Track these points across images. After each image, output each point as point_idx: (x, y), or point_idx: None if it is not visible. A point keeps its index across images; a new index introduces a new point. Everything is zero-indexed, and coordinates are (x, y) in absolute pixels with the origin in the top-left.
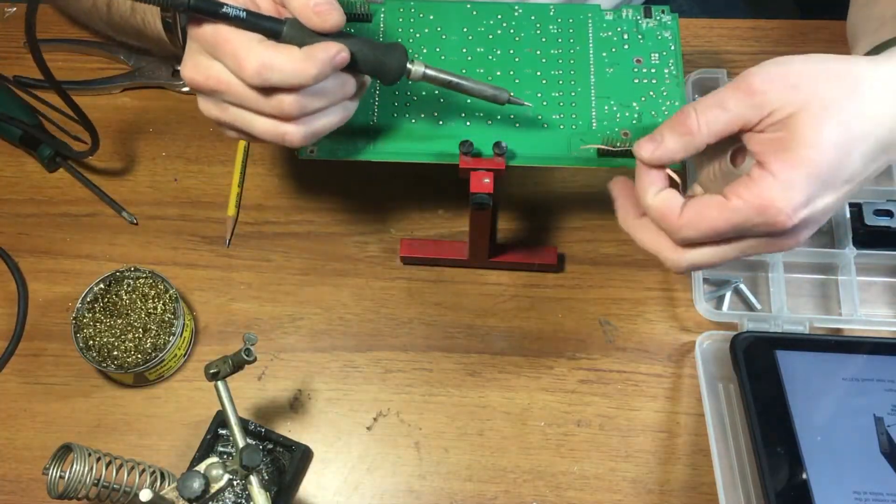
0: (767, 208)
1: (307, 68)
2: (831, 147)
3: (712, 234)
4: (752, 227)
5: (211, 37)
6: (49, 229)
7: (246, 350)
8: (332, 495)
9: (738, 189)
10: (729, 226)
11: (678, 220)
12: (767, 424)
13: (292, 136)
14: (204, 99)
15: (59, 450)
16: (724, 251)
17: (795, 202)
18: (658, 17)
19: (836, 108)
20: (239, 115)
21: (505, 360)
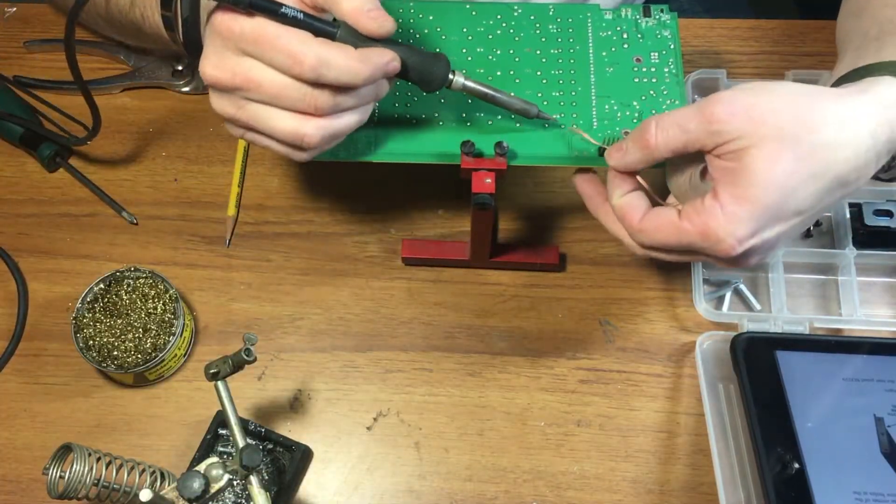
0: (710, 236)
1: (362, 69)
2: (779, 187)
3: (663, 247)
4: (699, 249)
5: (252, 33)
6: (49, 229)
7: (246, 350)
8: (332, 495)
9: (689, 212)
10: (677, 243)
11: (636, 225)
12: (767, 424)
13: (311, 136)
14: (220, 96)
15: (59, 450)
16: (677, 257)
17: (739, 234)
18: (657, 17)
19: (792, 145)
20: (259, 113)
21: (505, 360)
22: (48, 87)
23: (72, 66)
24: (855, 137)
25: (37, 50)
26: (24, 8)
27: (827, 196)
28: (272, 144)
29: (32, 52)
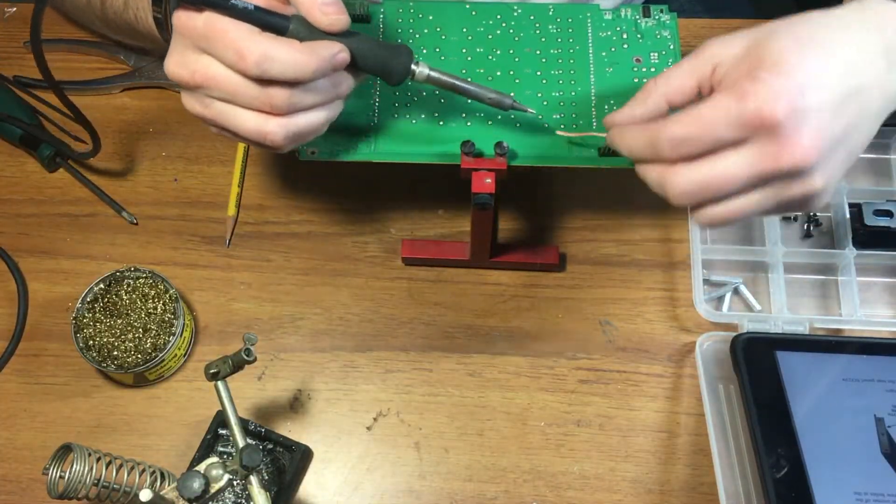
0: (747, 94)
1: (308, 62)
2: (797, 48)
3: (695, 123)
4: (736, 117)
5: (203, 28)
6: (49, 229)
7: (246, 350)
8: (332, 495)
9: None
10: (711, 112)
11: (661, 123)
12: (768, 425)
13: (274, 135)
14: (188, 95)
15: (59, 450)
16: (723, 163)
17: (779, 90)
18: (657, 17)
19: (781, 30)
20: (223, 111)
21: (505, 360)
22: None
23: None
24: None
25: None
26: (24, 8)
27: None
28: (244, 141)
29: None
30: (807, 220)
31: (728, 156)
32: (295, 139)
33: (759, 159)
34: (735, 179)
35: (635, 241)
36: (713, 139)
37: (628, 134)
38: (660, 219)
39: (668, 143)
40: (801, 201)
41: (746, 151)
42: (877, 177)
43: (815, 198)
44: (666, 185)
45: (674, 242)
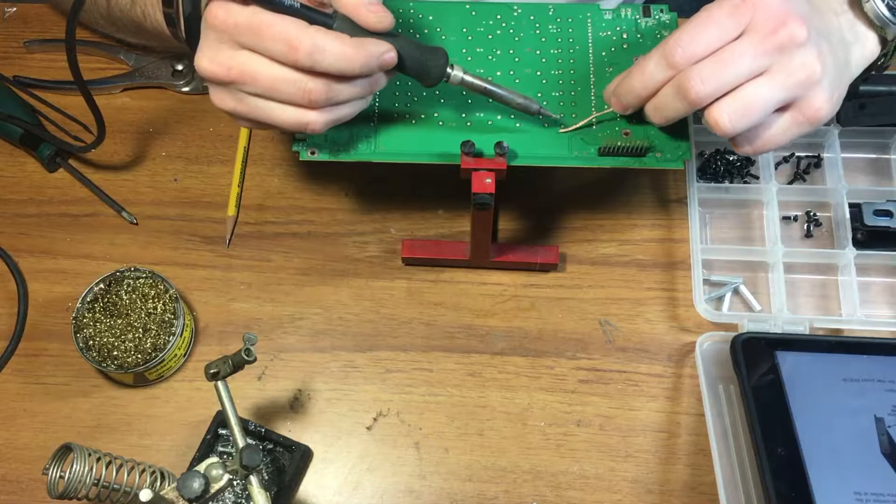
0: None
1: (356, 56)
2: None
3: (695, 27)
4: (727, 7)
5: (248, 22)
6: (49, 229)
7: (246, 350)
8: (332, 495)
9: None
10: (707, 15)
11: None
12: (768, 425)
13: (315, 123)
14: (219, 90)
15: (59, 450)
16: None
17: None
18: (657, 17)
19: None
20: (259, 105)
21: (505, 360)
22: (48, 87)
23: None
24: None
25: (37, 50)
26: (24, 8)
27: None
28: (278, 130)
29: (32, 52)
30: (807, 220)
31: (734, 42)
32: (335, 123)
33: (760, 35)
34: (744, 57)
35: (635, 241)
36: (718, 31)
37: (635, 68)
38: (660, 219)
39: (679, 45)
40: (806, 81)
41: (749, 33)
42: (877, 177)
43: (818, 85)
44: (683, 83)
45: (674, 242)
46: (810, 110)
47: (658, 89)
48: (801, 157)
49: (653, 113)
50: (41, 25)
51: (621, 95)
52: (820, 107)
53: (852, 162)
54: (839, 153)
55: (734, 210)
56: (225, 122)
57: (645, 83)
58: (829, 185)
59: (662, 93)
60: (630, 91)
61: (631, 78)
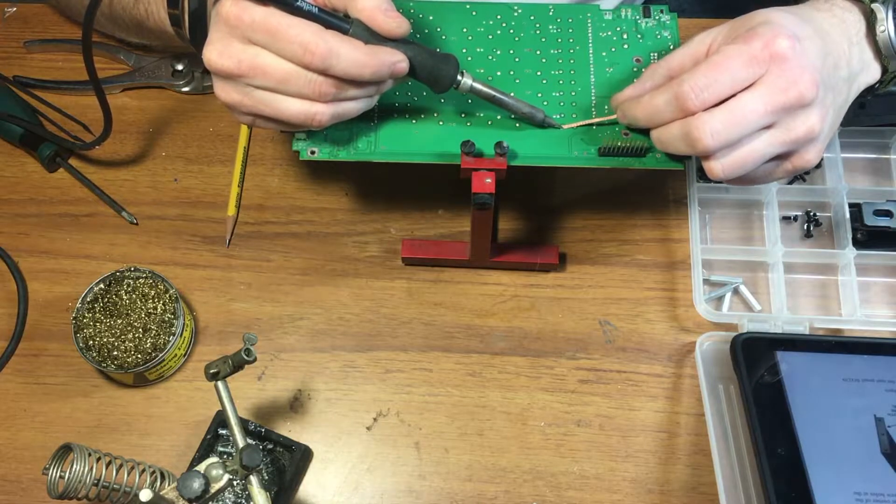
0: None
1: (369, 63)
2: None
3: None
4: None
5: (263, 22)
6: (49, 229)
7: (246, 350)
8: (332, 495)
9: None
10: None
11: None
12: (768, 425)
13: (322, 115)
14: (225, 83)
15: (59, 450)
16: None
17: (779, 27)
18: (657, 17)
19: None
20: (265, 99)
21: (505, 360)
22: (48, 87)
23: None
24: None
25: (37, 50)
26: (24, 8)
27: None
28: (281, 126)
29: (32, 52)
30: (807, 220)
31: (745, 95)
32: (340, 118)
33: (772, 93)
34: (754, 114)
35: (635, 241)
36: (731, 80)
37: (645, 99)
38: (660, 219)
39: (693, 91)
40: (804, 139)
41: (761, 88)
42: (877, 177)
43: (814, 141)
44: (693, 132)
45: (674, 242)
46: (801, 161)
47: (665, 123)
48: None
49: (656, 141)
50: (41, 25)
51: (627, 115)
52: (811, 159)
53: (852, 162)
54: (839, 153)
55: (734, 210)
56: (225, 122)
57: (652, 118)
58: (829, 185)
59: (670, 130)
60: (635, 118)
61: (640, 107)
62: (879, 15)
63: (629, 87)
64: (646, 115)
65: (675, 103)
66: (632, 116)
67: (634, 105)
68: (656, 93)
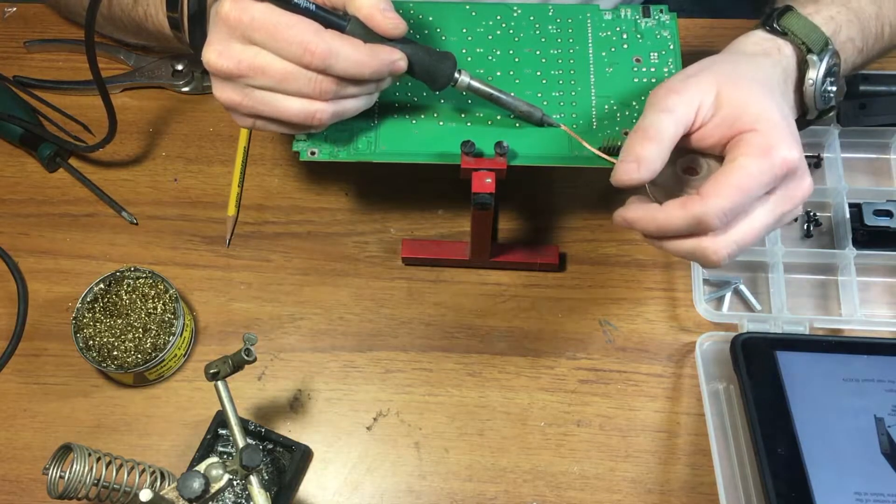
0: (770, 149)
1: (368, 63)
2: (765, 97)
3: (737, 193)
4: (768, 172)
5: (262, 21)
6: (49, 229)
7: (246, 350)
8: (332, 495)
9: (739, 150)
10: (748, 178)
11: (702, 199)
12: (768, 425)
13: (322, 113)
14: (224, 84)
15: (59, 450)
16: (758, 218)
17: (787, 137)
18: (657, 17)
19: (739, 75)
20: (265, 99)
21: (505, 360)
22: (48, 87)
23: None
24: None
25: (37, 50)
26: (24, 8)
27: (780, 98)
28: (281, 128)
29: (32, 52)
30: (807, 220)
31: (758, 212)
32: (340, 117)
33: (782, 203)
34: (765, 228)
35: (635, 241)
36: (752, 202)
37: (663, 217)
38: None
39: (718, 218)
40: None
41: (773, 200)
42: (877, 177)
43: None
44: (709, 254)
45: None
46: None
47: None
48: None
49: (658, 246)
50: (41, 25)
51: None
52: None
53: (852, 162)
54: (839, 153)
55: None
56: (225, 122)
57: (665, 234)
58: (829, 185)
59: (682, 245)
60: (647, 231)
61: (655, 225)
62: (810, 71)
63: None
64: (660, 234)
65: (696, 227)
66: (643, 227)
67: (649, 223)
68: (677, 215)
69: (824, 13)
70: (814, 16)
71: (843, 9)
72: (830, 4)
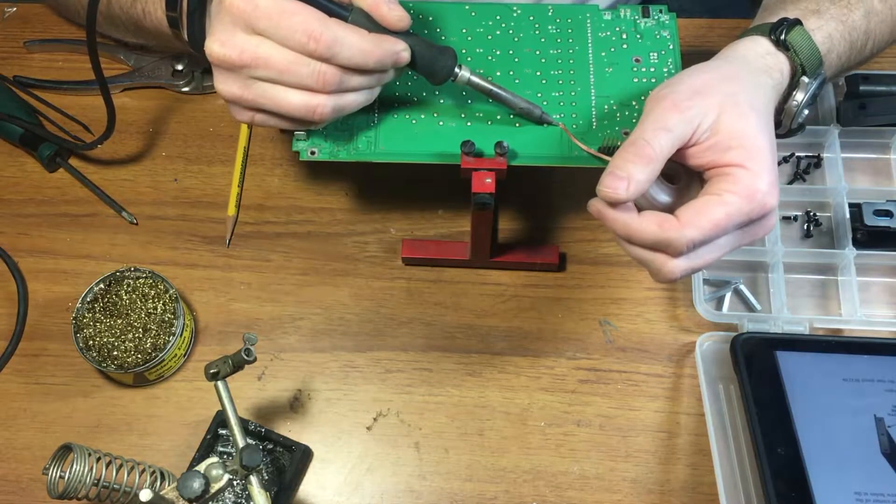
0: (756, 193)
1: (373, 52)
2: (761, 131)
3: (714, 230)
4: (746, 215)
5: (267, 8)
6: (49, 229)
7: (246, 350)
8: (332, 495)
9: (723, 186)
10: (727, 218)
11: (679, 226)
12: (768, 425)
13: (323, 107)
14: (226, 75)
15: (59, 450)
16: (718, 250)
17: (771, 181)
18: (656, 17)
19: (741, 101)
20: (266, 91)
21: (505, 360)
22: (48, 87)
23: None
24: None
25: (37, 50)
26: (24, 8)
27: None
28: (281, 122)
29: (32, 52)
30: (807, 220)
31: (722, 241)
32: (342, 112)
33: (746, 237)
34: (722, 256)
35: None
36: (724, 236)
37: (635, 227)
38: None
39: (687, 247)
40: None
41: (739, 233)
42: (877, 177)
43: None
44: (664, 272)
45: None
46: None
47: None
48: (801, 157)
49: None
50: (41, 25)
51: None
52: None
53: (852, 162)
54: (839, 153)
55: None
56: (225, 122)
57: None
58: (829, 185)
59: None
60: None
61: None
62: (798, 93)
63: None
64: (628, 239)
65: (665, 247)
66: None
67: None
68: (651, 231)
69: (825, 30)
70: (815, 33)
71: (840, 25)
72: (830, 20)
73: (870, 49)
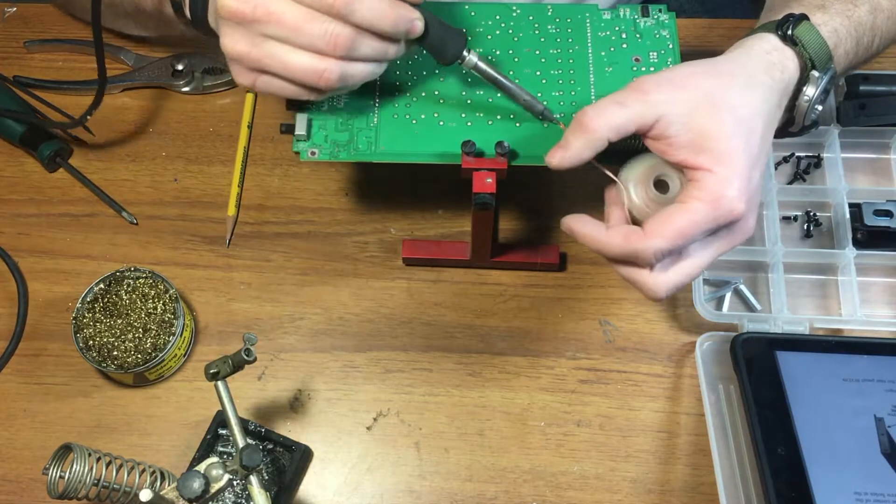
0: (721, 199)
1: (389, 15)
2: (736, 134)
3: (679, 238)
4: (713, 221)
5: None
6: (49, 229)
7: (246, 350)
8: (332, 495)
9: (690, 192)
10: (692, 225)
11: (644, 237)
12: (768, 425)
13: (331, 73)
14: (235, 31)
15: (59, 450)
16: (697, 260)
17: (740, 187)
18: (656, 16)
19: (719, 100)
20: (274, 51)
21: (505, 360)
22: (48, 87)
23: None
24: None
25: (37, 50)
26: (24, 8)
27: (768, 136)
28: (284, 87)
29: (32, 52)
30: (807, 220)
31: (698, 252)
32: (348, 81)
33: (723, 245)
34: (703, 268)
35: None
36: (691, 243)
37: (603, 241)
38: None
39: (654, 257)
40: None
41: (713, 242)
42: (877, 177)
43: None
44: (646, 290)
45: None
46: None
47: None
48: (801, 157)
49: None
50: (41, 25)
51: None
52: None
53: (852, 162)
54: (839, 153)
55: None
56: (225, 122)
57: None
58: (829, 185)
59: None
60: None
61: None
62: (809, 87)
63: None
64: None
65: (633, 259)
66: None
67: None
68: (617, 243)
69: (830, 25)
70: (822, 27)
71: (846, 20)
72: (836, 15)
73: (876, 45)
